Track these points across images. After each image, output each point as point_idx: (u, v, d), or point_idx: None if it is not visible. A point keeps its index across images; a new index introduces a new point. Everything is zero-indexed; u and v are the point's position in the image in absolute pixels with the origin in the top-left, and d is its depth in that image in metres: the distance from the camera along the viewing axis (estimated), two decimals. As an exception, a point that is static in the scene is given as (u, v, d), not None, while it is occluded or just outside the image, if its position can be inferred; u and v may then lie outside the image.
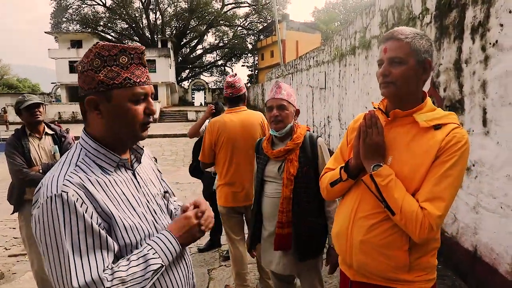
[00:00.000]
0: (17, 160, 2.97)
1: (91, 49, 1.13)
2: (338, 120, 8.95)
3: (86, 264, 1.00)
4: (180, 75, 51.29)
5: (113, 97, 1.12)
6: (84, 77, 1.14)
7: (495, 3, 3.06)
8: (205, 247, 4.47)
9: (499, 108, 3.03)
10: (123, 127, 1.16)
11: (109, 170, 1.16)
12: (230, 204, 3.08)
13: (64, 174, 1.07)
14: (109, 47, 1.13)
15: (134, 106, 1.15)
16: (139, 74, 1.16)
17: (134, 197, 1.20)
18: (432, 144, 1.37)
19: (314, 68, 11.60)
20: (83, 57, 1.15)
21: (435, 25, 4.09)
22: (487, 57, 3.17)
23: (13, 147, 3.01)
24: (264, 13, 47.45)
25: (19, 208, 3.15)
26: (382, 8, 5.85)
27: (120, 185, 1.17)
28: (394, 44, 1.41)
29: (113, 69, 1.12)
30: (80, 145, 1.17)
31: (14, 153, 2.98)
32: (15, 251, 4.69)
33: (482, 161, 3.26)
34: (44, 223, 1.01)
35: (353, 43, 7.60)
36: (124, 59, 1.13)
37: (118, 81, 1.12)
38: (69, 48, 36.99)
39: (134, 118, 1.15)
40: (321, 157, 2.30)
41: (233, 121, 3.06)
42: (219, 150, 3.06)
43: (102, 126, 1.16)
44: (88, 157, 1.14)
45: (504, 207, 2.98)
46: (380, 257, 1.44)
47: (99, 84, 1.11)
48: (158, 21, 47.86)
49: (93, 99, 1.12)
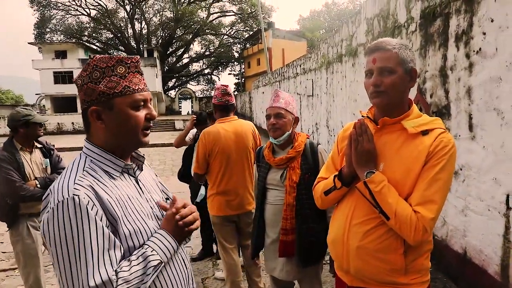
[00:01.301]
0: (14, 176, 2.88)
1: (88, 62, 1.18)
2: (326, 127, 9.04)
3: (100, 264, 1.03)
4: (167, 84, 51.09)
5: (115, 106, 1.17)
6: (84, 90, 1.18)
7: (478, 12, 3.17)
8: (198, 256, 4.45)
9: (484, 113, 3.12)
10: (126, 133, 1.21)
11: (115, 175, 1.20)
12: (223, 213, 3.09)
13: (74, 178, 1.11)
14: (106, 59, 1.18)
15: (135, 112, 1.20)
16: (137, 81, 1.22)
17: (139, 202, 1.23)
18: (421, 150, 1.42)
19: (301, 75, 11.71)
20: (80, 71, 1.19)
21: (420, 33, 4.20)
22: (472, 64, 3.27)
23: (8, 162, 2.89)
24: (249, 22, 47.70)
25: (13, 225, 3.07)
26: (367, 16, 5.97)
27: (125, 190, 1.20)
28: (383, 55, 1.46)
29: (112, 79, 1.17)
30: (84, 154, 1.21)
31: (10, 169, 2.88)
32: (5, 265, 4.59)
33: (469, 165, 3.35)
34: (55, 226, 1.04)
35: (339, 51, 7.72)
36: (122, 69, 1.18)
37: (118, 89, 1.17)
38: (54, 59, 36.52)
39: (136, 123, 1.20)
40: (322, 164, 2.34)
41: (227, 130, 3.07)
42: (213, 160, 3.06)
43: (105, 134, 1.20)
44: (93, 163, 1.18)
45: (491, 210, 3.06)
46: (376, 262, 1.48)
47: (100, 94, 1.16)
48: (143, 31, 47.69)
49: (95, 109, 1.17)
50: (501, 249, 2.96)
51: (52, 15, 43.61)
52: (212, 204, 3.14)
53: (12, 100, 58.05)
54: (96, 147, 1.21)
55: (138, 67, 1.23)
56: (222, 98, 3.11)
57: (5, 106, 43.17)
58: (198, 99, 47.72)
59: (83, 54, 38.35)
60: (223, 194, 3.08)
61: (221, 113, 3.17)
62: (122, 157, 1.25)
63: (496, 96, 2.97)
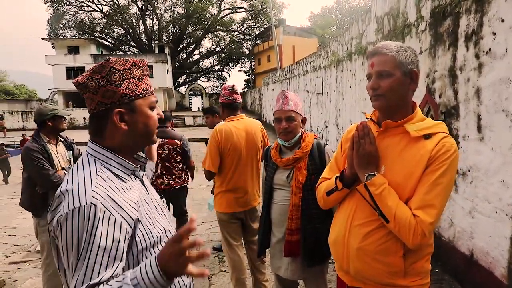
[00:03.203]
0: (46, 165, 3.12)
1: (103, 65, 1.17)
2: (335, 125, 9.02)
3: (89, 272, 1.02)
4: (177, 81, 51.35)
5: (137, 107, 1.21)
6: (103, 92, 1.17)
7: (488, 12, 3.13)
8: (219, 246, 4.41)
9: (493, 114, 3.09)
10: (146, 133, 1.25)
11: (125, 178, 1.21)
12: (232, 210, 3.13)
13: (90, 184, 1.09)
14: (122, 62, 1.20)
15: (152, 113, 1.26)
16: (150, 84, 1.29)
17: (147, 203, 1.26)
18: (423, 153, 1.42)
19: (311, 73, 11.68)
20: (91, 73, 1.18)
21: (429, 32, 4.16)
22: (481, 64, 3.24)
23: (40, 153, 3.14)
24: (260, 18, 47.63)
25: (41, 214, 3.23)
26: (377, 15, 5.93)
27: (136, 192, 1.22)
28: (380, 59, 1.47)
29: (132, 82, 1.21)
30: (92, 156, 1.20)
31: (42, 158, 3.12)
32: (16, 258, 4.70)
33: (477, 167, 3.32)
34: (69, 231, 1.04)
35: (349, 49, 7.68)
36: (137, 72, 1.23)
37: (138, 91, 1.22)
38: (66, 54, 36.96)
39: (154, 123, 1.27)
40: None
41: (238, 128, 3.10)
42: (225, 158, 3.08)
43: (123, 136, 1.21)
44: (104, 167, 1.18)
45: (499, 212, 3.03)
46: (376, 264, 1.49)
47: (123, 96, 1.18)
48: (155, 27, 47.97)
49: (120, 111, 1.18)
50: (508, 251, 2.94)
51: (65, 11, 44.15)
52: (221, 201, 3.17)
53: (25, 95, 58.86)
54: (105, 149, 1.20)
55: (148, 71, 1.29)
56: (230, 96, 3.15)
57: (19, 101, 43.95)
58: (208, 95, 47.89)
59: (95, 50, 38.75)
60: (232, 192, 3.11)
61: (229, 111, 3.20)
62: (129, 159, 1.27)
63: (505, 97, 2.93)
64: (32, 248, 4.95)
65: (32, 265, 4.46)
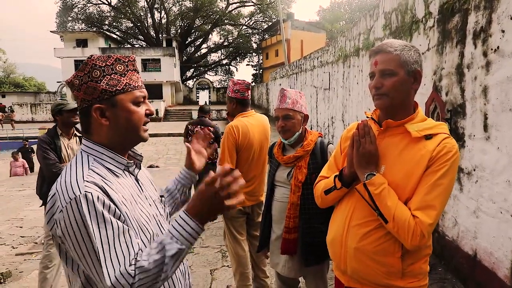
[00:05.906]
0: (50, 155, 3.27)
1: (86, 62, 1.19)
2: (341, 121, 8.97)
3: (115, 260, 1.05)
4: (185, 74, 51.39)
5: (118, 102, 1.20)
6: (84, 89, 1.19)
7: (497, 9, 3.07)
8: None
9: (500, 113, 3.04)
10: (129, 129, 1.23)
11: (118, 173, 1.22)
12: (241, 204, 3.13)
13: (82, 176, 1.11)
14: (104, 58, 1.20)
15: (137, 108, 1.24)
16: (136, 79, 1.25)
17: (141, 199, 1.26)
18: (424, 154, 1.41)
19: (318, 68, 11.61)
20: (77, 72, 1.20)
21: (437, 29, 4.11)
22: (489, 62, 3.19)
23: (46, 143, 3.31)
24: (269, 12, 47.38)
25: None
26: (386, 10, 5.86)
27: (128, 187, 1.23)
28: (384, 57, 1.45)
29: (113, 77, 1.19)
30: (85, 152, 1.22)
31: (47, 148, 3.29)
32: (22, 249, 4.76)
33: (482, 166, 3.28)
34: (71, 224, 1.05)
35: (357, 45, 7.61)
36: (121, 67, 1.22)
37: (120, 87, 1.20)
38: (75, 47, 37.20)
39: (139, 118, 1.24)
40: None
41: (252, 124, 3.10)
42: (241, 154, 3.06)
43: (108, 132, 1.21)
44: (97, 162, 1.19)
45: (503, 212, 3.00)
46: (373, 264, 1.48)
47: (103, 92, 1.18)
48: (163, 20, 47.96)
49: (99, 107, 1.19)
50: (512, 252, 2.91)
51: (74, 4, 44.28)
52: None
53: (34, 88, 59.32)
54: (97, 145, 1.21)
55: (135, 66, 1.27)
56: (245, 92, 3.13)
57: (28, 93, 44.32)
58: (215, 89, 47.87)
59: (103, 43, 38.88)
60: (244, 187, 3.10)
61: (242, 107, 3.18)
62: (122, 155, 1.27)
63: (512, 97, 2.89)
64: (38, 240, 5.01)
65: (38, 256, 4.51)
